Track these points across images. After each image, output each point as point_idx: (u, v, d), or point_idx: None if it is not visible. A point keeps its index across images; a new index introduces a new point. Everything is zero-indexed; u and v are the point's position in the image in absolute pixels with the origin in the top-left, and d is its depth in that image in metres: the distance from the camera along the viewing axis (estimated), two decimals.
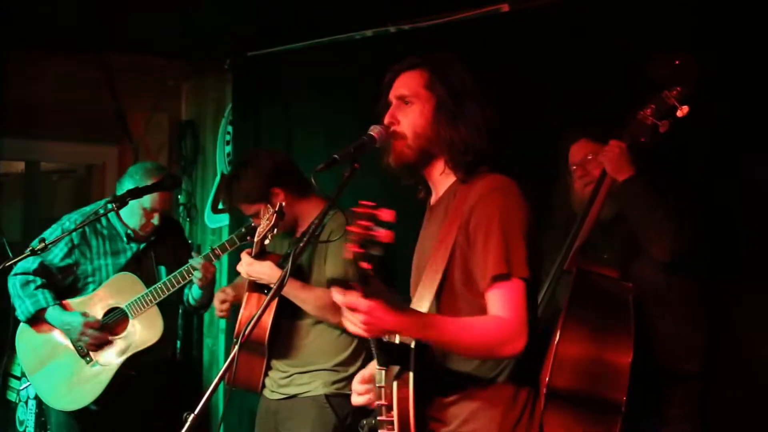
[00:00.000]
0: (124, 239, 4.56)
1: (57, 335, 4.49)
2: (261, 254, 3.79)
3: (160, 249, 4.64)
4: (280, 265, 3.77)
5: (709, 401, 3.66)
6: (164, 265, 4.60)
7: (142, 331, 4.45)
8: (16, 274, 4.47)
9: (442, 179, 2.71)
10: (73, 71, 6.39)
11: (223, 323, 4.15)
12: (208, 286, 4.40)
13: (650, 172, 3.55)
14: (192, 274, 4.33)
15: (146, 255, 4.60)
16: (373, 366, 2.75)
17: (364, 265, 2.21)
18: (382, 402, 2.51)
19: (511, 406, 2.58)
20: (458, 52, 2.77)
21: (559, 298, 3.56)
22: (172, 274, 4.40)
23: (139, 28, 5.86)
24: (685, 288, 3.61)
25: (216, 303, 4.05)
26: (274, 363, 3.94)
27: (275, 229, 3.74)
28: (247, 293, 3.88)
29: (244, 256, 3.81)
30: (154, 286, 4.42)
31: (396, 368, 2.48)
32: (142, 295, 4.43)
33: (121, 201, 4.23)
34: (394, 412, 2.47)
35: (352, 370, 3.80)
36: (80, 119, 6.45)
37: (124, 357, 4.44)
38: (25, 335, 4.55)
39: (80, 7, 5.28)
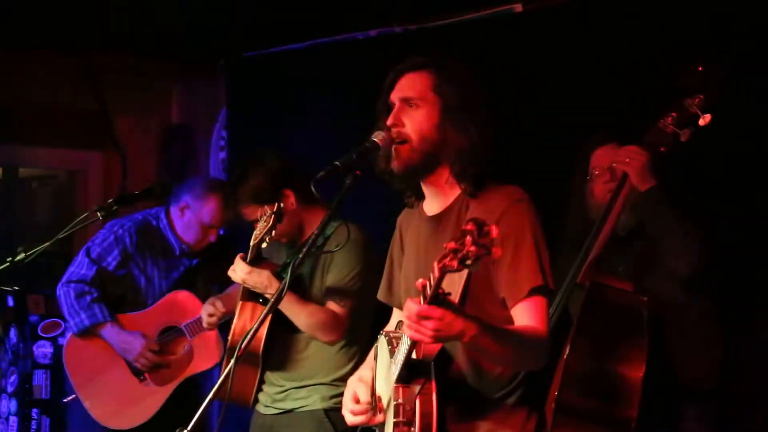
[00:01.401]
0: (177, 253, 4.67)
1: (109, 350, 4.56)
2: (257, 260, 3.85)
3: (214, 266, 4.71)
4: (278, 275, 3.83)
5: (725, 420, 3.73)
6: (218, 284, 4.66)
7: (200, 354, 4.56)
8: (70, 282, 4.56)
9: (447, 188, 2.77)
10: (54, 71, 6.43)
11: None
12: None
13: (671, 183, 3.62)
14: None
15: (200, 272, 4.71)
16: (362, 385, 2.90)
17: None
18: (400, 419, 2.60)
19: (524, 425, 2.71)
20: (467, 54, 2.83)
21: (571, 312, 3.65)
22: None
23: (127, 26, 5.89)
24: (703, 303, 3.68)
25: (204, 314, 4.11)
26: (269, 376, 4.01)
27: (273, 232, 3.78)
28: (240, 302, 3.95)
29: (238, 261, 3.85)
30: None
31: (417, 385, 2.58)
32: (201, 316, 4.46)
33: (108, 210, 4.31)
34: (416, 428, 2.56)
35: None
36: (62, 122, 6.50)
37: (180, 379, 4.55)
38: (73, 347, 4.63)
39: (62, 2, 5.32)
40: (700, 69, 3.49)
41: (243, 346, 2.80)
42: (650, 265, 3.68)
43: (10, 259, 3.99)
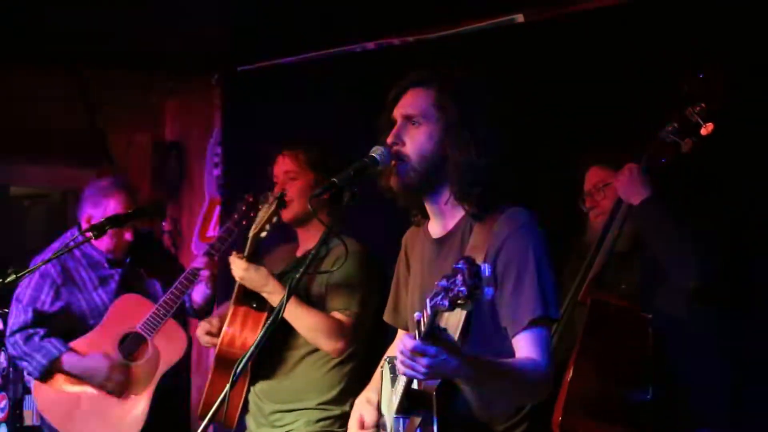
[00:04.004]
0: (106, 265, 4.67)
1: (75, 382, 4.56)
2: (255, 255, 3.86)
3: (147, 263, 4.76)
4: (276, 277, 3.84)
5: None
6: (157, 279, 4.72)
7: (166, 348, 4.57)
8: (13, 333, 4.55)
9: (449, 209, 2.76)
10: (45, 87, 6.41)
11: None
12: (213, 287, 4.49)
13: (672, 194, 3.62)
14: (196, 276, 4.43)
15: (135, 273, 4.71)
16: (369, 407, 2.89)
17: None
18: None
19: None
20: (468, 66, 2.82)
21: (573, 332, 3.64)
22: (177, 281, 4.49)
23: (120, 42, 5.92)
24: (710, 320, 3.66)
25: (200, 333, 4.12)
26: (255, 397, 4.00)
27: (274, 219, 3.81)
28: (232, 306, 3.94)
29: (233, 259, 3.87)
30: (162, 299, 4.53)
31: (418, 418, 2.58)
32: (153, 312, 4.53)
33: (100, 230, 4.32)
34: None
35: (337, 411, 3.89)
36: (54, 139, 6.49)
37: (156, 380, 4.56)
38: (41, 392, 4.61)
39: (53, 16, 5.33)
40: (701, 76, 3.48)
41: (238, 371, 2.75)
42: (654, 280, 3.66)
43: (1, 280, 3.97)
